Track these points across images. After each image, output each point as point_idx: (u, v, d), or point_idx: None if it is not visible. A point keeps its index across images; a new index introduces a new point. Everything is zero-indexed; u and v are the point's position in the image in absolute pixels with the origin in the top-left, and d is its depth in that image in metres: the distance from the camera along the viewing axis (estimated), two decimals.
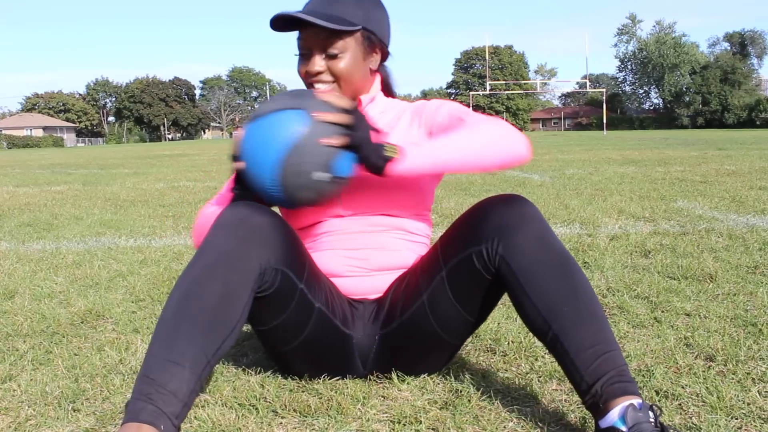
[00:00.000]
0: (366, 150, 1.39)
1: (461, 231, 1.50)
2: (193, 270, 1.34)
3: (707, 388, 1.57)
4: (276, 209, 1.55)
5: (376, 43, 1.63)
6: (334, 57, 1.56)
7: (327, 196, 1.45)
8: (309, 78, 1.60)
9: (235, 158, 1.44)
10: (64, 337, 2.14)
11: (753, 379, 1.63)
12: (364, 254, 1.63)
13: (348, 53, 1.57)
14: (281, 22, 1.57)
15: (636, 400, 1.25)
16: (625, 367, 1.32)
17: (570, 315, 1.35)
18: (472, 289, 1.49)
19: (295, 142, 1.37)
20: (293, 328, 1.52)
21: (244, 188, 1.48)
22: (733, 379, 1.63)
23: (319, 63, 1.57)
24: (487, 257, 1.43)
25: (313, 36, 1.56)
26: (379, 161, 1.39)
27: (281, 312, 1.48)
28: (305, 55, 1.59)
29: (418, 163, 1.42)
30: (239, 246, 1.35)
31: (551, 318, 1.36)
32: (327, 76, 1.58)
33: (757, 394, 1.53)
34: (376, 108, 1.71)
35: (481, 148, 1.46)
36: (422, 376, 1.69)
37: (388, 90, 1.78)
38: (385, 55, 1.69)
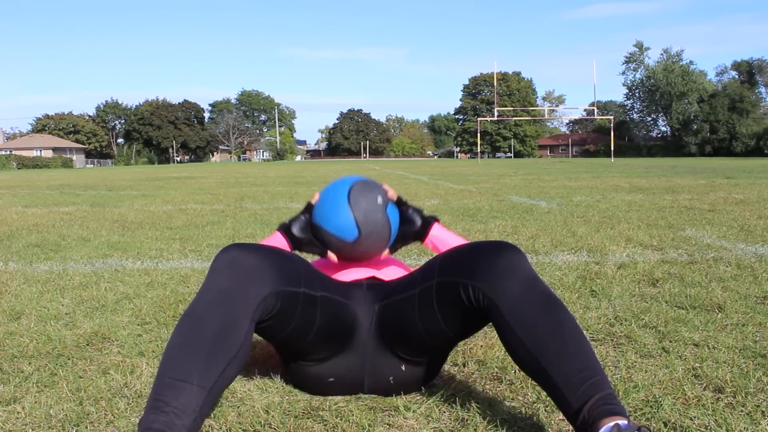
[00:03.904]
0: (410, 207, 1.94)
1: (456, 260, 1.61)
2: (195, 307, 1.47)
3: (716, 420, 1.55)
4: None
5: None
6: None
7: (385, 231, 1.85)
8: None
9: (311, 205, 1.93)
10: (69, 359, 2.14)
11: (762, 411, 1.61)
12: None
13: None
14: None
15: (622, 421, 1.28)
16: (612, 392, 1.37)
17: (557, 349, 1.43)
18: (455, 309, 1.58)
19: (364, 179, 1.90)
20: (306, 324, 1.62)
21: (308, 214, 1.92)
22: (742, 411, 1.62)
23: None
24: (473, 295, 1.52)
25: None
26: (417, 219, 1.92)
27: (292, 318, 1.58)
28: None
29: (442, 235, 1.93)
30: (236, 283, 1.48)
31: (538, 352, 1.44)
32: None
33: (767, 427, 1.51)
34: None
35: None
36: (428, 403, 1.68)
37: None
38: None
